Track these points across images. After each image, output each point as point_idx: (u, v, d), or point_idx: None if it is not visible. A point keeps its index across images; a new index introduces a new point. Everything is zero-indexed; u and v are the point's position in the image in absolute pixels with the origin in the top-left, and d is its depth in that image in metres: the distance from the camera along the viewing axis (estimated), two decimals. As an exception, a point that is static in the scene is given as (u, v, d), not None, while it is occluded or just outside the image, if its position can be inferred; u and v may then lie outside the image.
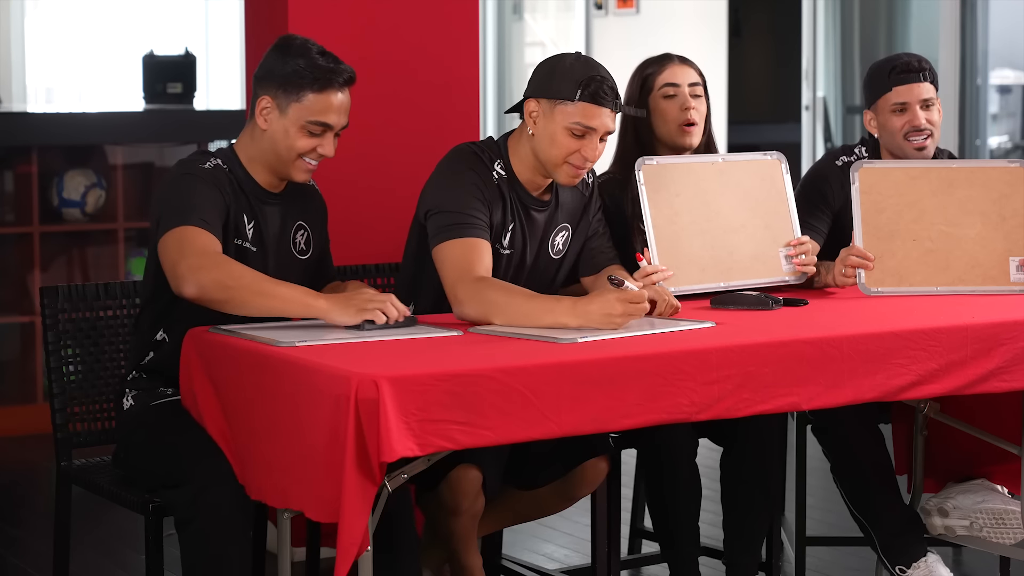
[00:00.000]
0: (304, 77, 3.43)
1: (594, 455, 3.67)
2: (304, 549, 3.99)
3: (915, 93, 4.08)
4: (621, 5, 9.94)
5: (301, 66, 3.43)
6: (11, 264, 6.42)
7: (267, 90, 3.46)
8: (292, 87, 3.44)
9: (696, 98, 4.05)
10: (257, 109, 3.47)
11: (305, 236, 3.62)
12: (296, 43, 3.48)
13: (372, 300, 3.27)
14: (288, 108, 3.44)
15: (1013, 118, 9.12)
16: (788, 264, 3.91)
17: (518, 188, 3.63)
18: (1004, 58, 8.83)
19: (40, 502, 5.33)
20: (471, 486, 3.51)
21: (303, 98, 3.44)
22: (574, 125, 3.50)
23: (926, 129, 4.07)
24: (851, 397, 3.32)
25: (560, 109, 3.51)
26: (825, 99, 9.53)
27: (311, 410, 2.96)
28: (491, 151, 3.63)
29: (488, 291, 3.38)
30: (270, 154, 3.49)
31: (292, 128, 3.45)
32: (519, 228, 3.64)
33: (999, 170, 3.95)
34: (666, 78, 4.05)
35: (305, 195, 3.64)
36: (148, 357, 3.54)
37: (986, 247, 3.89)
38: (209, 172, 3.45)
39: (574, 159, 3.53)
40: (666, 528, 3.84)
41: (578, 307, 3.27)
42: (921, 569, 3.85)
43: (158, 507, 3.34)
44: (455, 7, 4.74)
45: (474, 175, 3.57)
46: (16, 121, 6.91)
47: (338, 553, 2.86)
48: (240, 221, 3.47)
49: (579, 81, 3.49)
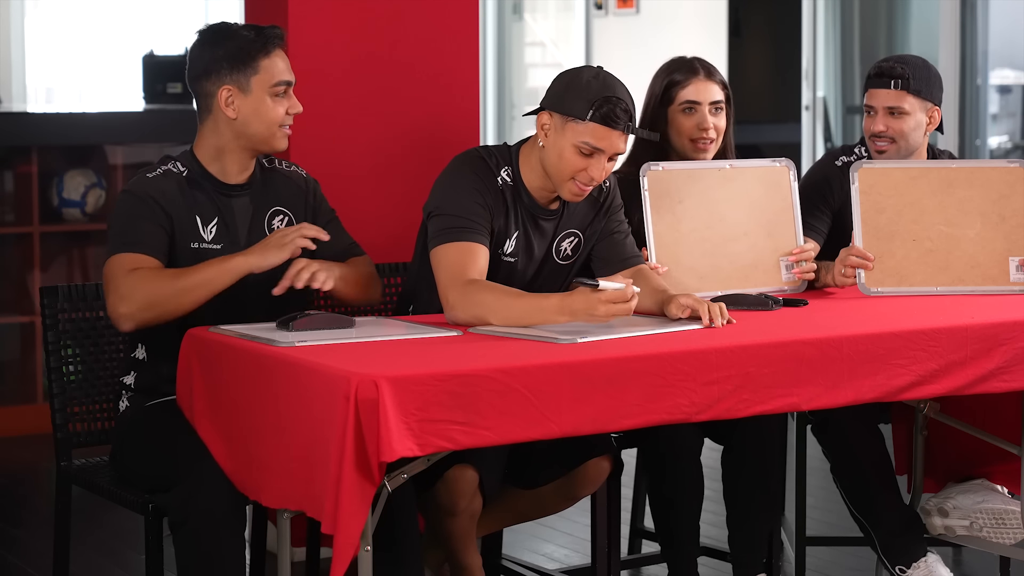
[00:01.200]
0: (248, 50, 3.46)
1: (596, 455, 3.67)
2: (304, 549, 3.99)
3: (882, 99, 4.07)
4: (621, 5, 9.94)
5: (241, 42, 3.46)
6: (11, 264, 6.42)
7: (221, 80, 3.47)
8: (243, 63, 3.46)
9: (716, 114, 4.06)
10: (220, 103, 3.47)
11: (285, 220, 3.59)
12: (219, 27, 3.52)
13: (286, 235, 3.38)
14: (250, 84, 3.46)
15: (1013, 118, 9.12)
16: (788, 273, 3.90)
17: (524, 195, 3.61)
18: (1004, 58, 8.82)
19: (40, 502, 5.33)
20: (468, 486, 3.51)
21: (258, 67, 3.46)
22: (583, 144, 3.47)
23: (885, 136, 4.07)
24: (851, 397, 3.32)
25: (571, 126, 3.48)
26: (825, 99, 9.52)
27: (311, 410, 2.96)
28: (501, 156, 3.62)
29: (477, 293, 3.39)
30: (245, 138, 3.49)
31: (260, 101, 3.46)
32: (523, 236, 3.62)
33: (999, 170, 3.94)
34: (688, 95, 4.05)
35: (278, 180, 3.62)
36: (131, 376, 3.56)
37: (986, 247, 3.89)
38: (151, 182, 3.47)
39: (580, 177, 3.51)
40: (667, 526, 3.84)
41: (564, 303, 3.29)
42: (921, 569, 3.85)
43: (158, 507, 3.34)
44: (455, 7, 4.74)
45: (476, 179, 3.56)
46: (16, 121, 6.91)
47: (335, 553, 2.85)
48: (192, 224, 3.47)
49: (592, 101, 3.45)
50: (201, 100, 3.50)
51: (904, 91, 4.05)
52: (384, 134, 4.65)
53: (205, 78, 3.48)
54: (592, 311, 3.26)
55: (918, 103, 4.07)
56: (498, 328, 3.31)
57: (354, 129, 4.55)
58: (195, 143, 3.54)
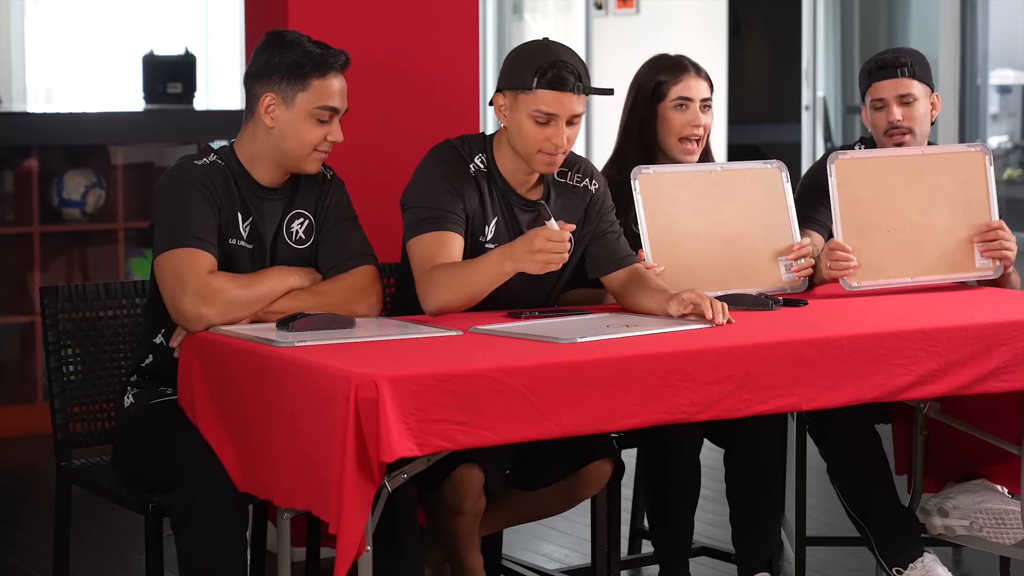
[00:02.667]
0: (305, 65, 3.43)
1: (598, 457, 3.67)
2: (304, 549, 3.99)
3: (891, 89, 4.09)
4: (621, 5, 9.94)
5: (300, 56, 3.43)
6: (11, 264, 6.42)
7: (269, 86, 3.45)
8: (295, 77, 3.43)
9: (705, 112, 4.06)
10: (261, 107, 3.46)
11: (305, 224, 3.57)
12: (287, 36, 3.49)
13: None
14: (295, 99, 3.43)
15: (1013, 118, 9.12)
16: (788, 273, 3.90)
17: (499, 180, 3.62)
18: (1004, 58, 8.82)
19: (40, 502, 5.33)
20: (474, 486, 3.51)
21: (308, 86, 3.43)
22: (536, 113, 3.50)
23: (902, 126, 4.08)
24: (851, 397, 3.32)
25: (522, 98, 3.52)
26: (825, 99, 9.53)
27: (311, 410, 2.96)
28: (474, 144, 3.64)
29: (435, 277, 3.45)
30: (277, 150, 3.47)
31: (300, 119, 3.44)
32: (503, 224, 3.63)
33: (961, 155, 3.96)
34: (680, 91, 4.05)
35: (311, 185, 3.59)
36: (148, 360, 3.55)
37: (952, 234, 3.91)
38: (202, 171, 3.44)
39: (545, 147, 3.53)
40: (663, 525, 3.85)
41: (505, 252, 3.39)
42: (918, 569, 3.85)
43: (158, 507, 3.34)
44: (455, 7, 4.74)
45: (447, 168, 3.58)
46: (16, 121, 6.91)
47: (338, 553, 2.86)
48: (234, 220, 3.46)
49: (537, 69, 3.48)
50: (249, 100, 3.50)
51: (911, 78, 4.08)
52: (384, 134, 4.65)
53: (256, 79, 3.47)
54: (529, 247, 3.34)
55: (923, 88, 4.10)
56: (497, 327, 3.31)
57: (354, 129, 4.54)
58: (236, 141, 3.53)
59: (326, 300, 3.45)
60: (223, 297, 3.33)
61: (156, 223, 3.42)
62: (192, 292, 3.31)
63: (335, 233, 3.56)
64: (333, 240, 3.57)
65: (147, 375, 3.55)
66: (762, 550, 3.95)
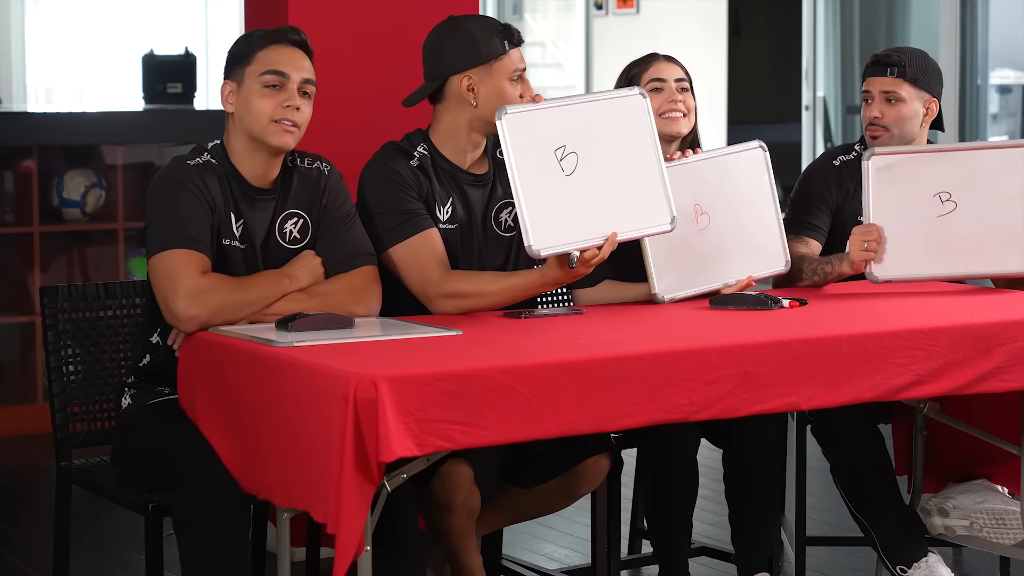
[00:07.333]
0: (251, 43, 3.47)
1: (595, 452, 3.67)
2: (304, 549, 3.99)
3: (878, 85, 4.12)
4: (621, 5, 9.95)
5: (249, 38, 3.49)
6: (11, 264, 6.42)
7: (227, 76, 3.50)
8: (242, 56, 3.47)
9: (683, 92, 4.06)
10: (223, 99, 3.49)
11: (300, 224, 3.55)
12: (247, 33, 3.54)
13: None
14: (244, 76, 3.46)
15: (1013, 118, 9.13)
16: None
17: (443, 163, 3.68)
18: (1004, 58, 8.83)
19: (40, 502, 5.33)
20: (463, 481, 3.50)
21: (253, 59, 3.46)
22: (513, 73, 3.65)
23: (879, 123, 4.10)
24: (851, 397, 3.32)
25: (497, 66, 3.65)
26: (825, 99, 9.54)
27: (310, 410, 2.96)
28: (413, 138, 3.72)
29: (455, 284, 3.52)
30: (244, 135, 3.47)
31: (252, 93, 3.45)
32: (457, 203, 3.67)
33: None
34: (652, 74, 4.05)
35: (296, 180, 3.56)
36: (145, 360, 3.55)
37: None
38: (195, 171, 3.44)
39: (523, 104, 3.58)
40: (662, 525, 3.85)
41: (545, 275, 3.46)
42: (922, 569, 3.85)
43: (158, 507, 3.34)
44: (455, 7, 4.73)
45: (391, 169, 3.62)
46: (16, 121, 6.91)
47: (336, 553, 2.86)
48: (227, 220, 3.45)
49: (496, 33, 3.67)
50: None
51: (900, 78, 4.09)
52: (384, 135, 4.64)
53: (224, 76, 3.50)
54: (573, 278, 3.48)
55: (915, 92, 4.10)
56: None
57: (354, 129, 4.54)
58: (224, 139, 3.54)
59: (325, 302, 3.44)
60: (215, 299, 3.32)
61: (149, 224, 3.41)
62: (184, 293, 3.31)
63: (334, 232, 3.54)
64: (332, 240, 3.54)
65: (144, 375, 3.55)
66: (762, 550, 3.95)
